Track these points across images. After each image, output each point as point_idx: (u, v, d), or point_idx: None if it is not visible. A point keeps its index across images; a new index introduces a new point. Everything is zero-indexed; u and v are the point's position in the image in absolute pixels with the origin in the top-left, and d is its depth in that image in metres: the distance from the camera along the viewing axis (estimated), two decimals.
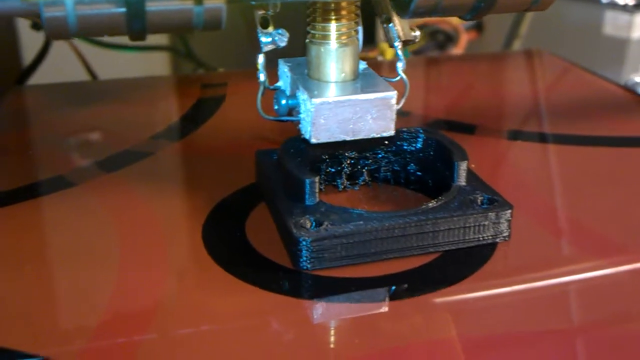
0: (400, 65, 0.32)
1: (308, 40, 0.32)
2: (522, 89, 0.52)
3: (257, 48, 0.31)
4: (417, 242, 0.29)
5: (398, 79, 0.32)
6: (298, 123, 0.31)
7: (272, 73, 0.32)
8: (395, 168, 0.34)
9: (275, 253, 0.29)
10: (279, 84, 0.33)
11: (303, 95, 0.30)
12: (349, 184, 0.34)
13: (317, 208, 0.29)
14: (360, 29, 0.32)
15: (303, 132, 0.31)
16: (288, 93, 0.32)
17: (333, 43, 0.31)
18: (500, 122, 0.46)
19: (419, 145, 0.34)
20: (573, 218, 0.33)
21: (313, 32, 0.31)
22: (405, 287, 0.28)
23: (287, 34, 0.31)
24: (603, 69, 0.60)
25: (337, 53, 0.31)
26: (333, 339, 0.26)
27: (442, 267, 0.29)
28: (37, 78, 0.59)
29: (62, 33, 0.25)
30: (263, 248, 0.30)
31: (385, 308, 0.27)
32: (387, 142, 0.33)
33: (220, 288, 0.28)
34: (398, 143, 0.34)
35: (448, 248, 0.30)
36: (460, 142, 0.33)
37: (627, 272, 0.29)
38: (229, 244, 0.30)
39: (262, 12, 0.30)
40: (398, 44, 0.32)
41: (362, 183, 0.34)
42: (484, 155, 0.39)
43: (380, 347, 0.25)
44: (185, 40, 0.70)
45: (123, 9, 0.25)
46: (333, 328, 0.26)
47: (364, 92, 0.30)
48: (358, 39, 0.32)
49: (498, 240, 0.30)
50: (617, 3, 0.71)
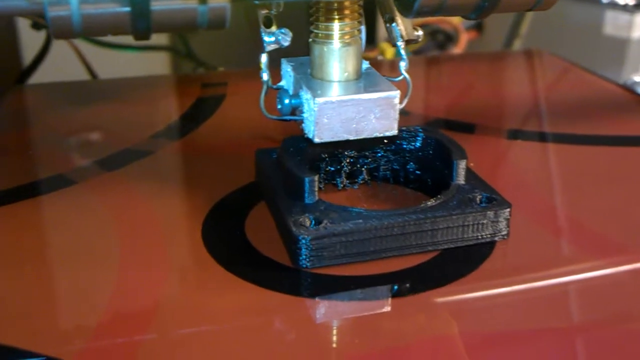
0: (404, 65, 0.32)
1: (311, 40, 0.32)
2: (522, 89, 0.53)
3: (260, 47, 0.31)
4: (416, 240, 0.29)
5: (401, 79, 0.32)
6: (301, 122, 0.31)
7: (274, 72, 0.32)
8: (395, 167, 0.34)
9: (275, 251, 0.30)
10: (282, 84, 0.33)
11: (306, 95, 0.30)
12: (349, 183, 0.34)
13: (316, 206, 0.29)
14: (363, 29, 0.32)
15: (306, 131, 0.31)
16: (291, 92, 0.32)
17: (336, 42, 0.31)
18: (500, 121, 0.46)
19: (418, 144, 0.34)
20: (572, 217, 0.33)
21: (316, 31, 0.31)
22: (404, 285, 0.28)
23: (290, 34, 0.31)
24: (603, 69, 0.60)
25: (340, 52, 0.31)
26: (332, 337, 0.26)
27: (440, 265, 0.29)
28: (37, 77, 0.59)
29: (66, 32, 0.25)
30: (263, 246, 0.30)
31: (385, 306, 0.27)
32: (386, 141, 0.33)
33: (220, 286, 0.28)
34: (397, 142, 0.34)
35: (447, 246, 0.30)
36: (460, 141, 0.33)
37: (626, 270, 0.29)
38: (229, 243, 0.30)
39: (265, 11, 0.30)
40: (401, 44, 0.32)
41: (361, 182, 0.34)
42: (483, 154, 0.39)
43: (380, 345, 0.25)
44: (186, 40, 0.70)
45: (128, 9, 0.25)
46: (332, 326, 0.26)
47: (367, 91, 0.30)
48: (361, 39, 0.32)
49: (497, 239, 0.30)
50: (617, 3, 0.71)
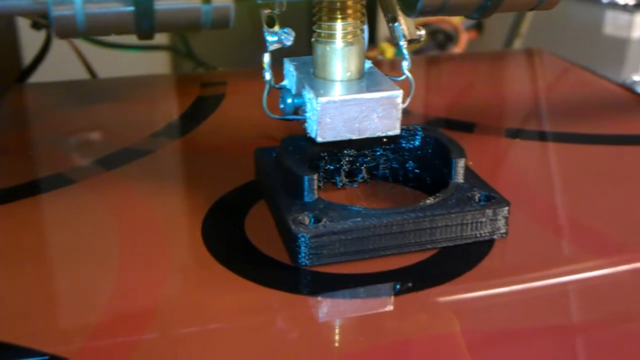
0: (406, 65, 0.32)
1: (314, 39, 0.32)
2: (521, 88, 0.53)
3: (263, 47, 0.31)
4: (414, 238, 0.29)
5: (403, 78, 0.32)
6: (304, 122, 0.31)
7: (277, 72, 0.32)
8: (394, 165, 0.34)
9: (275, 250, 0.30)
10: (285, 83, 0.33)
11: (309, 94, 0.30)
12: (348, 182, 0.34)
13: (315, 205, 0.29)
14: (366, 28, 0.32)
15: (309, 131, 0.31)
16: (294, 92, 0.32)
17: (339, 42, 0.31)
18: (500, 120, 0.46)
19: (417, 143, 0.34)
20: (571, 215, 0.33)
21: (319, 31, 0.31)
22: (403, 283, 0.28)
23: (293, 33, 0.30)
24: (603, 69, 0.60)
25: (342, 52, 0.31)
26: (332, 335, 0.26)
27: (439, 263, 0.29)
28: (37, 77, 0.59)
29: (70, 32, 0.25)
30: (262, 245, 0.30)
31: (384, 304, 0.27)
32: (385, 139, 0.33)
33: (220, 285, 0.28)
34: (396, 141, 0.34)
35: (445, 245, 0.30)
36: (459, 140, 0.33)
37: (625, 270, 0.29)
38: (229, 241, 0.30)
39: (268, 11, 0.30)
40: (404, 43, 0.32)
41: (360, 180, 0.34)
42: (483, 153, 0.40)
43: (379, 342, 0.25)
44: (186, 40, 0.70)
45: (132, 8, 0.25)
46: (331, 324, 0.26)
47: (370, 91, 0.30)
48: (364, 38, 0.32)
49: (495, 237, 0.30)
50: (617, 3, 0.71)
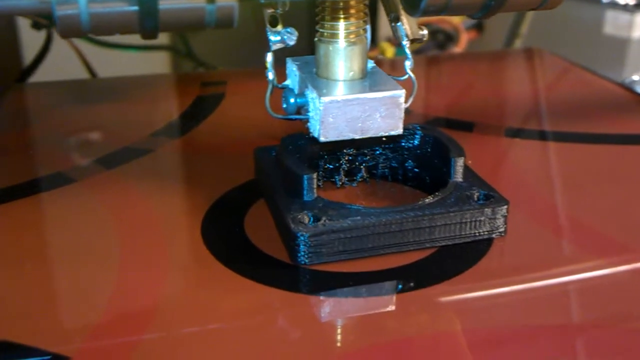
0: (409, 64, 0.32)
1: (317, 39, 0.32)
2: (521, 88, 0.53)
3: (266, 46, 0.31)
4: (413, 237, 0.29)
5: (406, 78, 0.32)
6: (306, 121, 0.31)
7: (279, 72, 0.32)
8: (393, 164, 0.34)
9: (274, 249, 0.30)
10: (287, 83, 0.33)
11: (312, 94, 0.30)
12: (347, 181, 0.34)
13: (315, 204, 0.29)
14: (369, 28, 0.32)
15: (312, 130, 0.31)
16: (296, 92, 0.32)
17: (342, 42, 0.31)
18: (499, 120, 0.46)
19: (417, 142, 0.34)
20: (570, 215, 0.33)
21: (322, 30, 0.31)
22: (402, 282, 0.28)
23: (296, 33, 0.30)
24: (603, 69, 0.60)
25: (345, 52, 0.31)
26: (331, 333, 0.26)
27: (438, 262, 0.29)
28: (37, 77, 0.59)
29: (74, 31, 0.25)
30: (262, 244, 0.30)
31: (382, 303, 0.27)
32: (385, 139, 0.33)
33: (220, 284, 0.28)
34: (396, 140, 0.34)
35: (444, 243, 0.30)
36: (458, 139, 0.33)
37: (625, 270, 0.29)
38: (228, 240, 0.30)
39: (271, 10, 0.30)
40: (406, 43, 0.32)
41: (360, 179, 0.34)
42: (482, 153, 0.40)
43: (378, 341, 0.25)
44: (186, 40, 0.70)
45: (136, 7, 0.25)
46: (331, 322, 0.26)
47: (373, 90, 0.30)
48: (366, 38, 0.32)
49: (494, 236, 0.30)
50: (617, 3, 0.71)
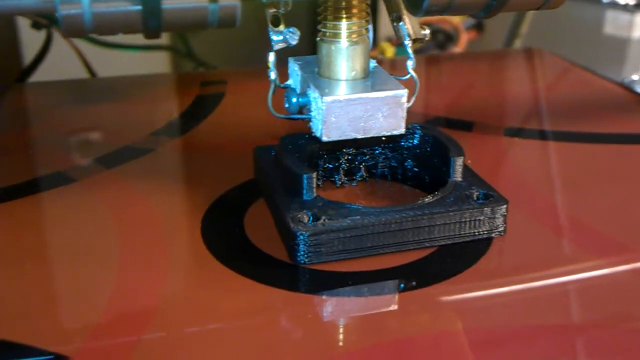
0: (411, 64, 0.32)
1: (319, 39, 0.32)
2: (521, 87, 0.53)
3: (268, 46, 0.31)
4: (413, 236, 0.29)
5: (408, 77, 0.32)
6: (309, 121, 0.31)
7: (281, 71, 0.32)
8: (393, 164, 0.34)
9: (274, 248, 0.30)
10: (289, 82, 0.33)
11: (314, 94, 0.30)
12: (347, 180, 0.34)
13: (314, 203, 0.29)
14: (371, 28, 0.32)
15: (314, 130, 0.31)
16: (298, 91, 0.32)
17: (344, 41, 0.31)
18: (499, 119, 0.46)
19: (416, 142, 0.34)
20: (570, 214, 0.33)
21: (324, 30, 0.31)
22: (402, 281, 0.28)
23: (298, 32, 0.30)
24: (603, 69, 0.60)
25: (347, 51, 0.31)
26: (330, 333, 0.26)
27: (438, 261, 0.29)
28: (37, 77, 0.59)
29: (77, 31, 0.25)
30: (261, 243, 0.30)
31: (382, 302, 0.27)
32: (384, 138, 0.33)
33: (219, 283, 0.28)
34: (395, 139, 0.34)
35: (444, 243, 0.30)
36: (458, 139, 0.33)
37: (625, 270, 0.29)
38: (228, 240, 0.30)
39: (273, 10, 0.30)
40: (408, 42, 0.32)
41: (359, 179, 0.34)
42: (481, 152, 0.40)
43: (377, 340, 0.25)
44: (186, 40, 0.70)
45: (139, 7, 0.25)
46: (330, 322, 0.26)
47: (375, 90, 0.30)
48: (369, 37, 0.32)
49: (494, 235, 0.30)
50: (617, 3, 0.71)
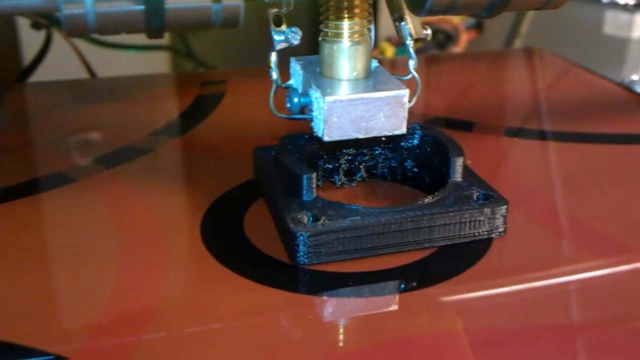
0: (412, 64, 0.32)
1: (321, 39, 0.32)
2: (521, 87, 0.53)
3: (270, 46, 0.30)
4: (413, 237, 0.29)
5: (409, 77, 0.32)
6: (310, 121, 0.31)
7: (283, 71, 0.32)
8: (392, 164, 0.34)
9: (273, 248, 0.30)
10: (291, 82, 0.33)
11: (316, 94, 0.30)
12: (347, 180, 0.34)
13: (314, 203, 0.29)
14: (373, 28, 0.32)
15: (315, 130, 0.31)
16: (300, 91, 0.32)
17: (346, 41, 0.31)
18: (499, 119, 0.46)
19: (416, 142, 0.34)
20: (570, 215, 0.33)
21: (326, 30, 0.31)
22: (402, 282, 0.28)
23: (300, 32, 0.30)
24: (603, 69, 0.60)
25: (349, 51, 0.31)
26: (330, 333, 0.26)
27: (437, 262, 0.29)
28: (37, 77, 0.59)
29: (80, 30, 0.25)
30: (261, 244, 0.30)
31: (382, 303, 0.27)
32: (384, 138, 0.33)
33: (219, 284, 0.28)
34: (395, 140, 0.34)
35: (444, 243, 0.30)
36: (458, 139, 0.33)
37: (625, 270, 0.29)
38: (228, 240, 0.30)
39: (275, 10, 0.30)
40: (410, 42, 0.32)
41: (359, 179, 0.34)
42: (481, 152, 0.40)
43: (377, 341, 0.25)
44: (186, 40, 0.70)
45: (142, 7, 0.25)
46: (330, 322, 0.26)
47: (377, 90, 0.30)
48: (370, 37, 0.32)
49: (494, 236, 0.30)
50: (617, 3, 0.71)
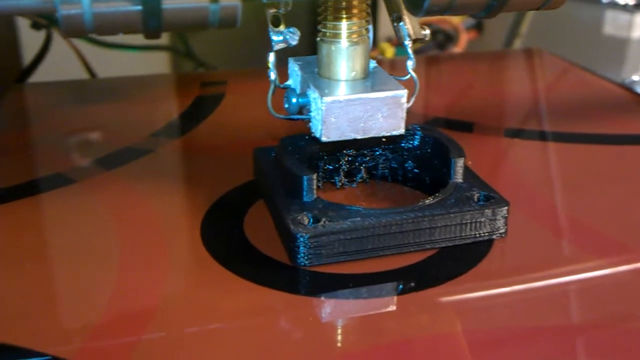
0: (411, 64, 0.32)
1: (319, 39, 0.32)
2: (521, 88, 0.53)
3: (268, 46, 0.31)
4: (414, 238, 0.29)
5: (408, 78, 0.32)
6: (308, 121, 0.31)
7: (281, 72, 0.32)
8: (393, 165, 0.34)
9: (274, 250, 0.30)
10: (289, 83, 0.33)
11: (314, 94, 0.30)
12: (347, 181, 0.34)
13: (314, 205, 0.29)
14: (371, 28, 0.32)
15: (313, 130, 0.31)
16: (298, 91, 0.32)
17: (344, 41, 0.31)
18: (499, 120, 0.46)
19: (416, 143, 0.34)
20: (571, 215, 0.33)
21: (324, 30, 0.31)
22: (402, 283, 0.28)
23: (298, 32, 0.30)
24: (603, 69, 0.60)
25: (348, 51, 0.31)
26: (330, 335, 0.26)
27: (438, 263, 0.29)
28: (37, 77, 0.59)
29: (77, 31, 0.25)
30: (261, 245, 0.30)
31: (383, 304, 0.27)
32: (384, 139, 0.33)
33: (219, 285, 0.28)
34: (396, 140, 0.34)
35: (445, 245, 0.30)
36: (458, 139, 0.33)
37: (626, 270, 0.29)
38: (228, 241, 0.30)
39: (273, 10, 0.30)
40: (408, 43, 0.32)
41: (359, 180, 0.34)
42: (482, 153, 0.40)
43: (378, 342, 0.25)
44: (185, 40, 0.70)
45: (139, 7, 0.25)
46: (330, 324, 0.26)
47: (375, 90, 0.30)
48: (369, 38, 0.32)
49: (494, 237, 0.30)
50: (617, 3, 0.71)
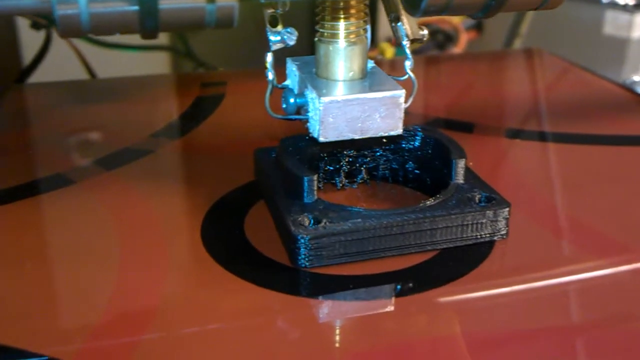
0: (409, 64, 0.32)
1: (317, 39, 0.32)
2: (521, 88, 0.53)
3: (266, 47, 0.30)
4: (415, 240, 0.29)
5: (406, 78, 0.32)
6: (306, 122, 0.31)
7: (279, 72, 0.32)
8: (394, 166, 0.34)
9: (274, 251, 0.30)
10: (287, 83, 0.33)
11: (311, 94, 0.30)
12: (348, 182, 0.34)
13: (315, 206, 0.29)
14: (369, 28, 0.32)
15: (311, 130, 0.31)
16: (296, 92, 0.32)
17: (342, 42, 0.31)
18: (499, 120, 0.46)
19: (417, 144, 0.34)
20: (571, 216, 0.33)
21: (322, 30, 0.31)
22: (403, 285, 0.28)
23: (296, 33, 0.30)
24: (603, 69, 0.60)
25: (345, 52, 0.31)
26: (331, 336, 0.26)
27: (439, 265, 0.29)
28: (37, 77, 0.59)
29: (74, 31, 0.25)
30: (262, 246, 0.30)
31: (383, 306, 0.27)
32: (385, 140, 0.33)
33: (219, 286, 0.28)
34: (396, 141, 0.34)
35: (446, 246, 0.30)
36: (459, 140, 0.33)
37: (626, 270, 0.29)
38: (228, 242, 0.30)
39: (271, 10, 0.30)
40: (406, 43, 0.32)
41: (360, 181, 0.34)
42: (483, 154, 0.39)
43: (379, 344, 0.25)
44: (185, 40, 0.70)
45: (136, 7, 0.25)
46: (331, 325, 0.26)
47: (373, 90, 0.30)
48: (366, 38, 0.32)
49: (496, 239, 0.30)
50: (617, 3, 0.71)
